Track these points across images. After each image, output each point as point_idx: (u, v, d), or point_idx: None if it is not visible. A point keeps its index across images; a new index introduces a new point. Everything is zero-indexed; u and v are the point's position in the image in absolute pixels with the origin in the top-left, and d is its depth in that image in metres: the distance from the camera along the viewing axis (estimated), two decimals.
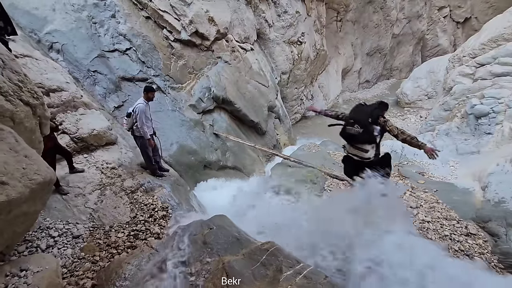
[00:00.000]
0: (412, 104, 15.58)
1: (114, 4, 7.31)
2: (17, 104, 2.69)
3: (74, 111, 5.34)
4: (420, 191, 5.76)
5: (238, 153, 8.36)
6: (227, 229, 3.56)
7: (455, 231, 4.57)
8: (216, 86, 8.20)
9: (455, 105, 9.31)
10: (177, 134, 7.19)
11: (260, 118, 9.41)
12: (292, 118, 13.59)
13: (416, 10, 20.71)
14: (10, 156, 2.42)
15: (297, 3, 12.11)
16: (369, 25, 18.99)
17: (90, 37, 6.97)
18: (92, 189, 4.64)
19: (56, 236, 3.75)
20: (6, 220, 2.41)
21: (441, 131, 8.83)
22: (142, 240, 4.04)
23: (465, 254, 4.17)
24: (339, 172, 6.41)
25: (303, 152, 8.14)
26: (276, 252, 3.00)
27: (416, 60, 23.32)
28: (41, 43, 6.51)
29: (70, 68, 6.61)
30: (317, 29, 14.12)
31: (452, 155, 7.95)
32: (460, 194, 5.60)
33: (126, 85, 7.19)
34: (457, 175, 6.94)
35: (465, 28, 23.67)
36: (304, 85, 13.90)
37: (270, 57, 11.78)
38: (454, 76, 9.66)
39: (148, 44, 7.55)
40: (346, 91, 19.45)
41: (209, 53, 8.70)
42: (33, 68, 5.04)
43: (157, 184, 5.27)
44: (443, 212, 5.03)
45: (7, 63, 2.73)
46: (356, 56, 19.29)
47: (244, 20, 9.82)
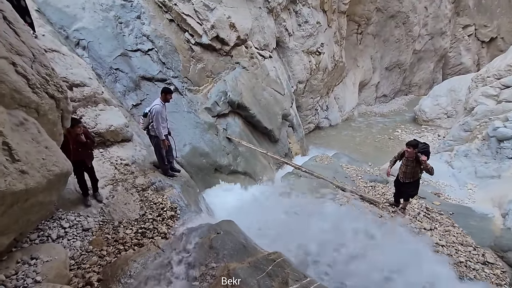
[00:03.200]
0: (430, 122, 15.19)
1: (140, 6, 7.55)
2: (42, 96, 2.78)
3: (94, 106, 5.49)
4: (435, 212, 5.55)
5: (250, 159, 8.34)
6: (234, 235, 3.53)
7: (471, 258, 4.35)
8: (233, 91, 8.26)
9: (476, 126, 9.00)
10: (191, 135, 7.26)
11: (273, 125, 9.39)
12: (306, 127, 13.51)
13: (440, 27, 20.35)
14: (32, 147, 2.50)
15: (318, 13, 12.15)
16: (390, 40, 18.79)
17: (115, 36, 7.20)
18: (105, 183, 4.72)
19: (67, 227, 3.81)
20: (22, 208, 2.47)
21: (460, 152, 8.54)
22: (149, 238, 4.05)
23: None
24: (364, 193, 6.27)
25: (315, 163, 8.05)
26: (282, 263, 2.95)
27: (437, 77, 22.83)
28: (69, 39, 6.77)
29: (93, 64, 6.82)
30: (336, 40, 14.09)
31: (470, 177, 7.66)
32: (477, 219, 5.35)
33: (145, 84, 7.35)
34: (475, 199, 6.66)
35: (490, 48, 23.04)
36: (320, 96, 13.83)
37: (288, 65, 11.81)
38: (477, 96, 9.37)
39: (169, 46, 7.73)
40: (362, 104, 19.21)
41: (227, 58, 8.80)
42: (59, 62, 5.24)
43: (168, 184, 5.31)
44: (459, 237, 4.81)
45: (37, 56, 2.84)
46: (374, 70, 19.07)
47: (265, 27, 9.92)
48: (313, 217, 5.10)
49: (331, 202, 5.82)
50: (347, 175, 7.34)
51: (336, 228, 4.65)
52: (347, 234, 4.52)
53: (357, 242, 4.36)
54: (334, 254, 4.02)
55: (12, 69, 2.44)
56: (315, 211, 5.31)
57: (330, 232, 4.56)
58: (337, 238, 4.37)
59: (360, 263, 3.93)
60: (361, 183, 6.95)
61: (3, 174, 2.11)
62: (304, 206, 5.57)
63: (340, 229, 4.62)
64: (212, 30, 8.14)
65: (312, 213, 5.28)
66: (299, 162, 8.67)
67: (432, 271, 3.90)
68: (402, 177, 5.07)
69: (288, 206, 5.65)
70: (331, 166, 7.75)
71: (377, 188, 6.68)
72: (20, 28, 2.76)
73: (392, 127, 15.78)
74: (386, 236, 4.59)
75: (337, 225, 4.76)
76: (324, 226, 4.71)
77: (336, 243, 4.25)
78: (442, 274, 3.91)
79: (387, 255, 4.04)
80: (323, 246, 4.13)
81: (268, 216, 5.32)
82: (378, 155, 11.85)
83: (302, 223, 4.93)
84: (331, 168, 7.58)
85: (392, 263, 3.91)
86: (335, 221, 4.90)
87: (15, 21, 2.75)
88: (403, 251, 4.23)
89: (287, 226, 4.82)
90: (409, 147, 4.79)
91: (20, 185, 2.25)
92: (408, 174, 4.96)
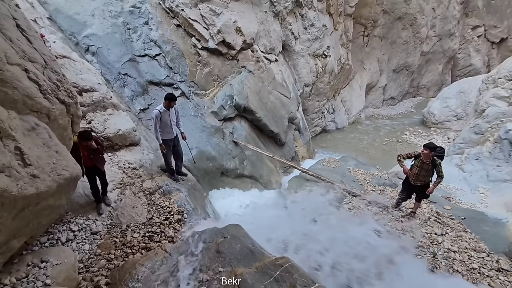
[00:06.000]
0: (439, 125, 14.94)
1: (148, 12, 7.68)
2: (53, 102, 2.83)
3: (103, 111, 5.58)
4: (446, 217, 5.42)
5: (256, 162, 8.33)
6: (241, 240, 3.51)
7: (484, 265, 4.23)
8: (239, 95, 8.29)
9: (488, 128, 8.80)
10: (197, 139, 7.29)
11: (280, 129, 9.37)
12: (312, 130, 13.44)
13: (448, 28, 20.09)
14: (43, 151, 2.54)
15: (324, 17, 12.14)
16: (397, 42, 18.62)
17: (123, 42, 7.33)
18: (113, 187, 4.78)
19: (76, 230, 3.86)
20: (33, 212, 2.51)
21: (471, 155, 8.35)
22: (157, 242, 4.07)
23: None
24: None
25: (322, 166, 7.98)
26: (290, 268, 2.91)
27: (446, 79, 22.49)
28: (79, 46, 6.92)
29: (102, 70, 6.95)
30: (343, 43, 14.03)
31: (482, 181, 7.47)
32: (490, 224, 5.20)
33: (152, 88, 7.45)
34: (488, 203, 6.49)
35: (501, 48, 22.63)
36: (326, 99, 13.76)
37: (294, 68, 11.80)
38: (488, 98, 9.18)
39: (176, 51, 7.82)
40: (370, 107, 19.03)
41: (234, 62, 8.85)
42: (70, 68, 5.35)
43: (175, 187, 5.33)
44: (472, 243, 4.68)
45: (48, 63, 2.90)
46: (381, 72, 18.90)
47: (271, 31, 9.95)
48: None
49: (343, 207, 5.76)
50: (355, 179, 7.25)
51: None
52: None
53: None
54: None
55: (24, 76, 2.50)
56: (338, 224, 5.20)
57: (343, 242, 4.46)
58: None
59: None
60: (369, 187, 6.86)
61: (15, 178, 2.15)
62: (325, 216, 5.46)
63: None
64: (218, 35, 8.21)
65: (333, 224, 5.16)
66: (306, 165, 8.62)
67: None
68: (414, 179, 4.96)
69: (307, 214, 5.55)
70: (338, 170, 7.67)
71: (386, 192, 6.57)
72: (32, 35, 2.83)
73: (400, 130, 15.57)
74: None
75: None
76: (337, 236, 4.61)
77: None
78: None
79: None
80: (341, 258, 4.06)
81: (292, 227, 5.15)
82: (386, 158, 11.68)
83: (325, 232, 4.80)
84: (338, 172, 7.50)
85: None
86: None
87: (28, 28, 2.82)
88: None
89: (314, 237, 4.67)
90: (426, 148, 4.64)
91: (31, 189, 2.29)
92: (420, 177, 4.86)
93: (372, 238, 4.68)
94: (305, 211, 5.66)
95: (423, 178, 4.85)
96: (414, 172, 4.92)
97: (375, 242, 4.56)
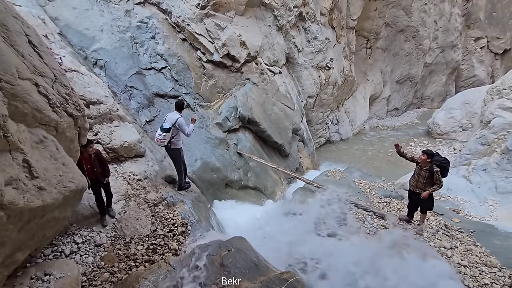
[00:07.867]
0: (444, 136, 14.83)
1: (155, 27, 7.89)
2: (62, 115, 2.89)
3: (109, 123, 5.66)
4: (455, 230, 5.29)
5: (260, 173, 8.30)
6: (245, 253, 3.46)
7: (496, 280, 4.09)
8: (243, 106, 8.36)
9: (494, 139, 8.72)
10: (202, 150, 7.32)
11: (284, 140, 9.38)
12: (316, 142, 13.42)
13: (451, 40, 20.24)
14: (50, 163, 2.57)
15: (327, 30, 12.35)
16: (400, 53, 18.78)
17: (130, 56, 7.51)
18: (118, 198, 4.78)
19: (80, 242, 3.85)
20: (38, 224, 2.52)
21: (478, 166, 8.24)
22: (160, 255, 4.03)
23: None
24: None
25: (327, 177, 7.91)
26: (296, 283, 2.85)
27: (450, 90, 22.48)
28: (87, 60, 7.10)
29: (110, 83, 7.10)
30: (346, 55, 14.20)
31: (490, 193, 7.33)
32: (501, 238, 5.06)
33: (158, 101, 7.56)
34: (497, 216, 6.35)
35: (505, 59, 22.65)
36: (330, 110, 13.81)
37: (298, 80, 11.92)
38: (493, 109, 9.13)
39: (182, 64, 7.97)
40: (374, 118, 19.01)
41: (238, 74, 8.98)
42: (78, 81, 5.47)
43: (179, 199, 5.32)
44: (482, 257, 4.55)
45: (58, 77, 2.98)
46: (385, 83, 18.99)
47: (274, 44, 10.13)
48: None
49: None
50: (360, 191, 7.16)
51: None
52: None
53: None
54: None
55: (34, 90, 2.56)
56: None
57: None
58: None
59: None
60: (375, 199, 6.76)
61: (22, 190, 2.17)
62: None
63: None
64: (223, 48, 8.38)
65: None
66: (311, 177, 8.55)
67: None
68: (413, 186, 4.95)
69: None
70: (343, 181, 7.59)
71: (392, 204, 6.47)
72: (43, 51, 2.92)
73: (405, 141, 15.47)
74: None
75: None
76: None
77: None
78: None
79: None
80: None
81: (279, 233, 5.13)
82: (392, 169, 11.56)
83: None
84: (343, 183, 7.42)
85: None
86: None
87: (39, 44, 2.92)
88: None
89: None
90: (423, 154, 4.68)
91: (37, 202, 2.31)
92: (419, 184, 4.83)
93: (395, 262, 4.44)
94: (311, 220, 5.57)
95: (422, 185, 4.82)
96: (415, 179, 4.93)
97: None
